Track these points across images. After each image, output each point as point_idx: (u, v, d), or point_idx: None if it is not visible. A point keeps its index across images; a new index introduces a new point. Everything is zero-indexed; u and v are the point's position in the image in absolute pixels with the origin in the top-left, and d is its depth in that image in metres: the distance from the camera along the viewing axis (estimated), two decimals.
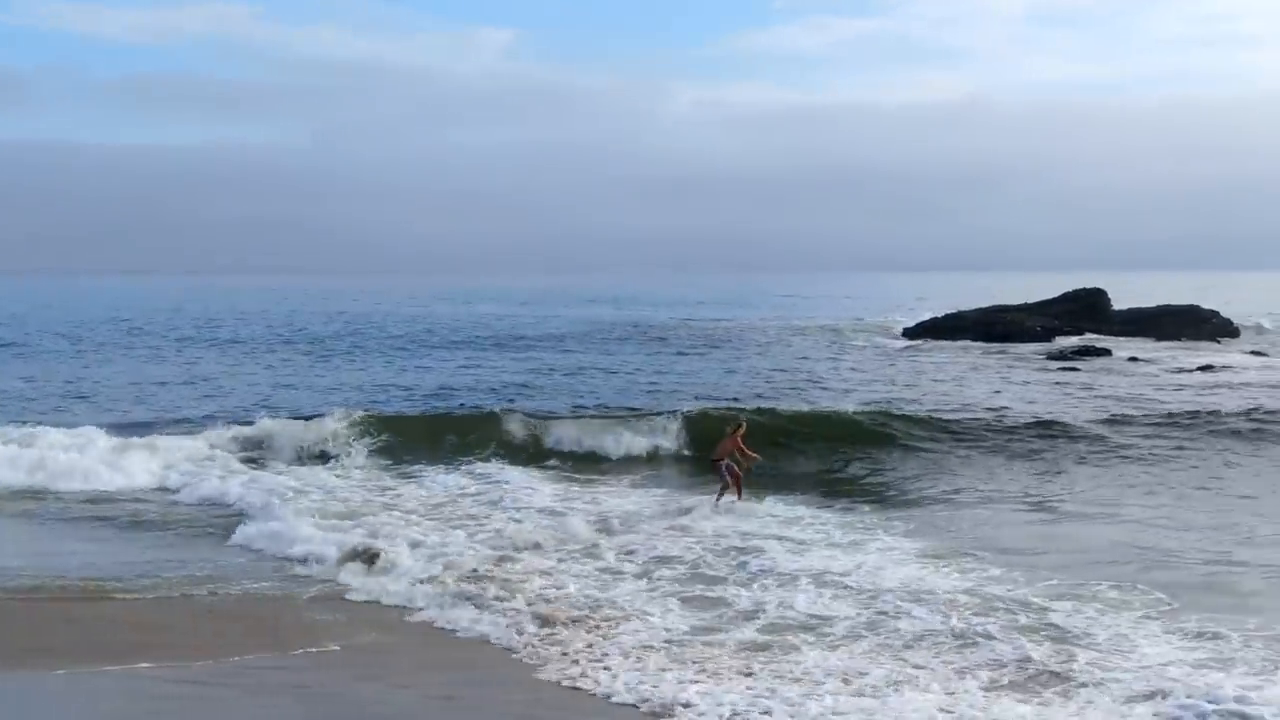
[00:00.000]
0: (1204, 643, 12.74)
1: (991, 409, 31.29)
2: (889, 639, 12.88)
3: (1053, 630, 13.12)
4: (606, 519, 19.56)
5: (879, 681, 11.45)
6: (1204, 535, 18.44)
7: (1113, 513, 20.53)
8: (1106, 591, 15.03)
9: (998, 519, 20.29)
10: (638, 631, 13.20)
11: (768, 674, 11.73)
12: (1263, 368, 45.82)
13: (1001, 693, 11.23)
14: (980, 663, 12.05)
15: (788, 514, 20.32)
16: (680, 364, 45.52)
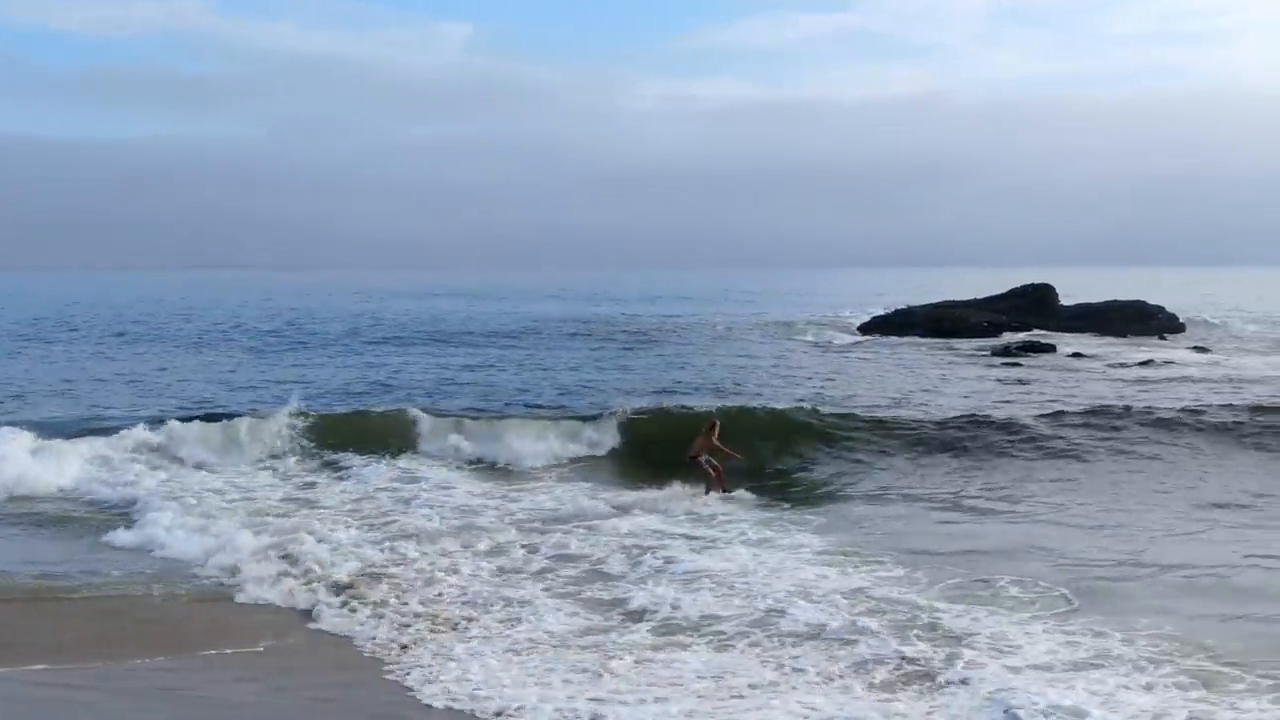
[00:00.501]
0: (1090, 641, 12.72)
1: (925, 405, 31.31)
2: (771, 639, 12.79)
3: (938, 630, 13.05)
4: (520, 518, 19.39)
5: (745, 683, 11.36)
6: (1117, 534, 18.44)
7: (1030, 511, 20.52)
8: (1008, 589, 15.01)
9: (913, 517, 20.28)
10: (521, 632, 13.10)
11: (636, 674, 11.63)
12: (1202, 364, 46.07)
13: (872, 692, 11.18)
14: (856, 663, 11.98)
15: (705, 511, 20.21)
16: (624, 360, 45.24)
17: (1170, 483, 22.87)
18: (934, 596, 14.56)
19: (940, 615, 13.57)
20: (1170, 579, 15.64)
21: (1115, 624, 13.25)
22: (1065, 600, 14.57)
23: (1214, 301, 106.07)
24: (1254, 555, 16.74)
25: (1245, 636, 13.03)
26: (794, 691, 11.15)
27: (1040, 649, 12.44)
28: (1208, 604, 14.44)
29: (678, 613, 13.72)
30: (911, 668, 11.80)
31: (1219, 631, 13.16)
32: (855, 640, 12.52)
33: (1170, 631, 13.05)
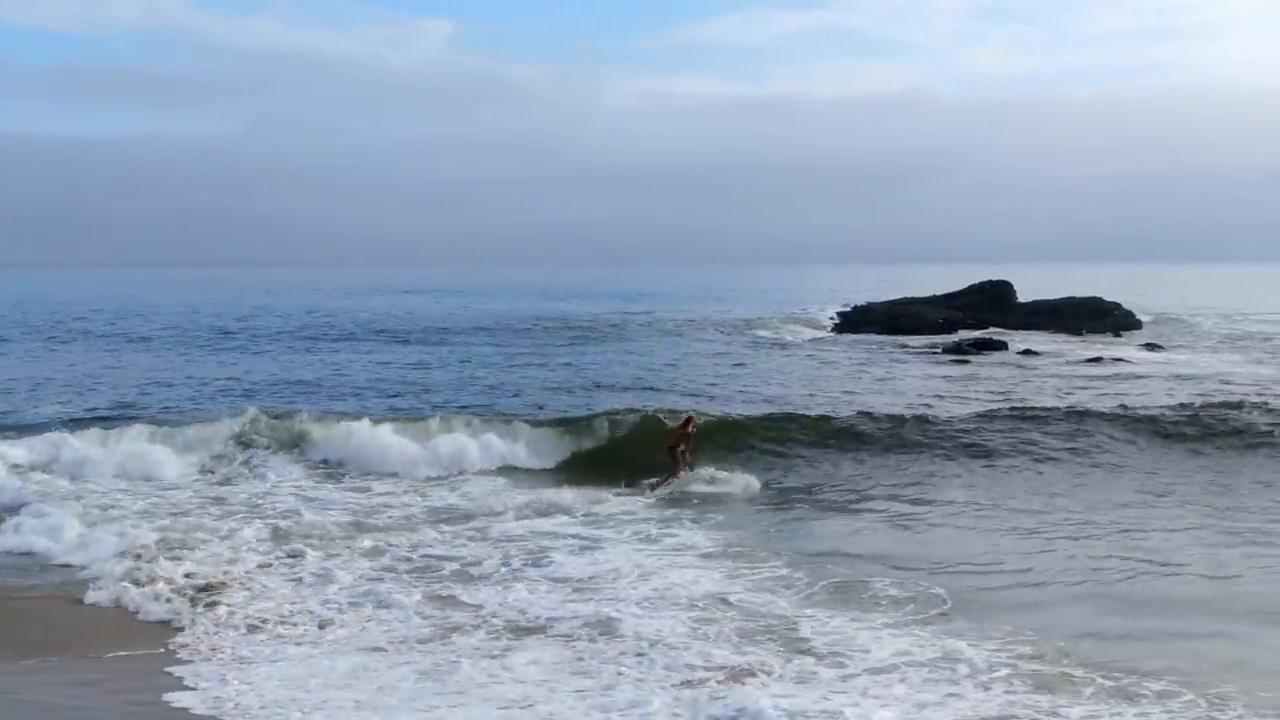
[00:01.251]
0: (941, 643, 12.57)
1: (856, 404, 30.97)
2: (594, 644, 12.64)
3: (780, 637, 12.85)
4: (419, 517, 19.22)
5: (520, 691, 11.24)
6: (1015, 536, 18.20)
7: (936, 512, 20.24)
8: (887, 591, 14.85)
9: (817, 518, 20.03)
10: (340, 635, 13.09)
11: (416, 684, 11.49)
12: (1148, 361, 46.01)
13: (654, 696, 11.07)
14: (661, 668, 11.84)
15: (606, 511, 19.95)
16: (559, 357, 44.73)
17: (1082, 484, 22.66)
18: (802, 601, 14.34)
19: (798, 621, 13.36)
20: (1056, 582, 15.48)
21: (979, 627, 13.12)
22: (940, 602, 14.36)
23: (1189, 298, 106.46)
24: (1142, 560, 16.45)
25: (1106, 639, 12.90)
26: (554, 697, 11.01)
27: (884, 653, 12.24)
28: (1081, 607, 14.30)
29: (515, 617, 13.56)
30: (735, 670, 11.66)
31: (1081, 635, 13.01)
32: (677, 648, 12.31)
33: (1030, 635, 12.89)
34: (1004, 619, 13.50)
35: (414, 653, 12.42)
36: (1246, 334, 63.96)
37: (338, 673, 11.76)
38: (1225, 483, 22.34)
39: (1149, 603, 14.44)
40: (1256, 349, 52.95)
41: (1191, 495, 21.31)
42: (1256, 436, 25.47)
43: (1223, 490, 21.70)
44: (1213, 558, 16.54)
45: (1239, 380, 38.04)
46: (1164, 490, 21.63)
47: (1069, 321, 61.99)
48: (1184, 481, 22.44)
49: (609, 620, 13.29)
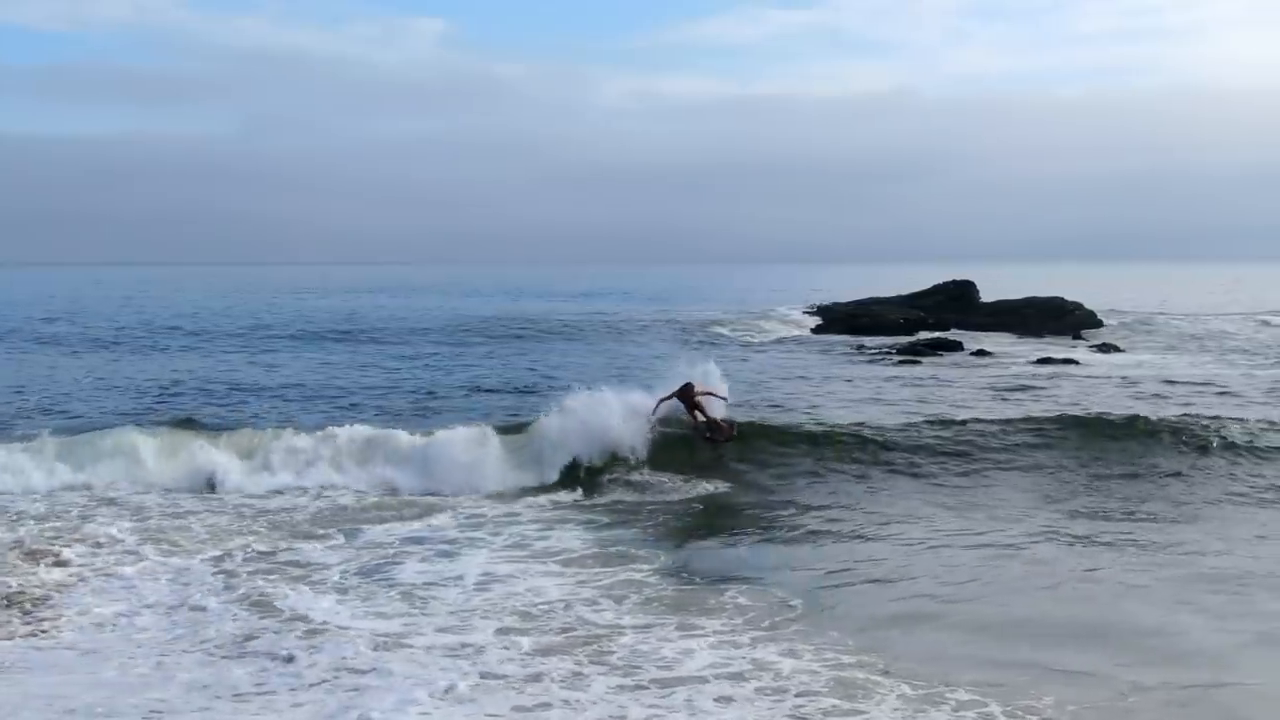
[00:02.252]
0: (755, 654, 12.38)
1: (781, 406, 30.64)
2: (374, 652, 12.47)
3: (592, 646, 12.65)
4: (288, 520, 18.92)
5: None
6: (902, 548, 17.61)
7: (819, 519, 19.74)
8: (736, 600, 14.59)
9: (704, 525, 19.56)
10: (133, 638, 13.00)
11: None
12: (1098, 364, 45.77)
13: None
14: (405, 681, 11.64)
15: (492, 512, 19.69)
16: (487, 360, 44.33)
17: (965, 492, 21.85)
18: (638, 609, 14.13)
19: (618, 631, 13.15)
20: (912, 593, 15.11)
21: (812, 638, 12.95)
22: (787, 609, 14.16)
23: (1168, 297, 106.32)
24: (996, 574, 16.03)
25: (936, 649, 12.72)
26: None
27: (693, 664, 12.08)
28: (930, 620, 13.93)
29: (311, 626, 13.30)
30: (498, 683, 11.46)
31: (916, 646, 12.85)
32: (453, 659, 12.12)
33: (854, 645, 12.73)
34: (844, 630, 13.27)
35: (186, 657, 12.29)
36: (1210, 333, 63.74)
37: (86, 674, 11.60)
38: (1097, 498, 21.33)
39: (993, 615, 14.10)
40: (1216, 349, 52.71)
41: (1062, 509, 20.47)
42: (1142, 454, 23.75)
43: (1093, 510, 20.54)
44: (1059, 573, 16.00)
45: (1181, 382, 37.78)
46: (1038, 502, 20.86)
47: (1030, 322, 61.76)
48: (1059, 495, 21.50)
49: (398, 635, 13.05)
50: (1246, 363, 45.97)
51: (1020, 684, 11.60)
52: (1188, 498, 21.08)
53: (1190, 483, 21.89)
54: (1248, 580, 15.41)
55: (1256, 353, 50.51)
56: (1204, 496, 21.09)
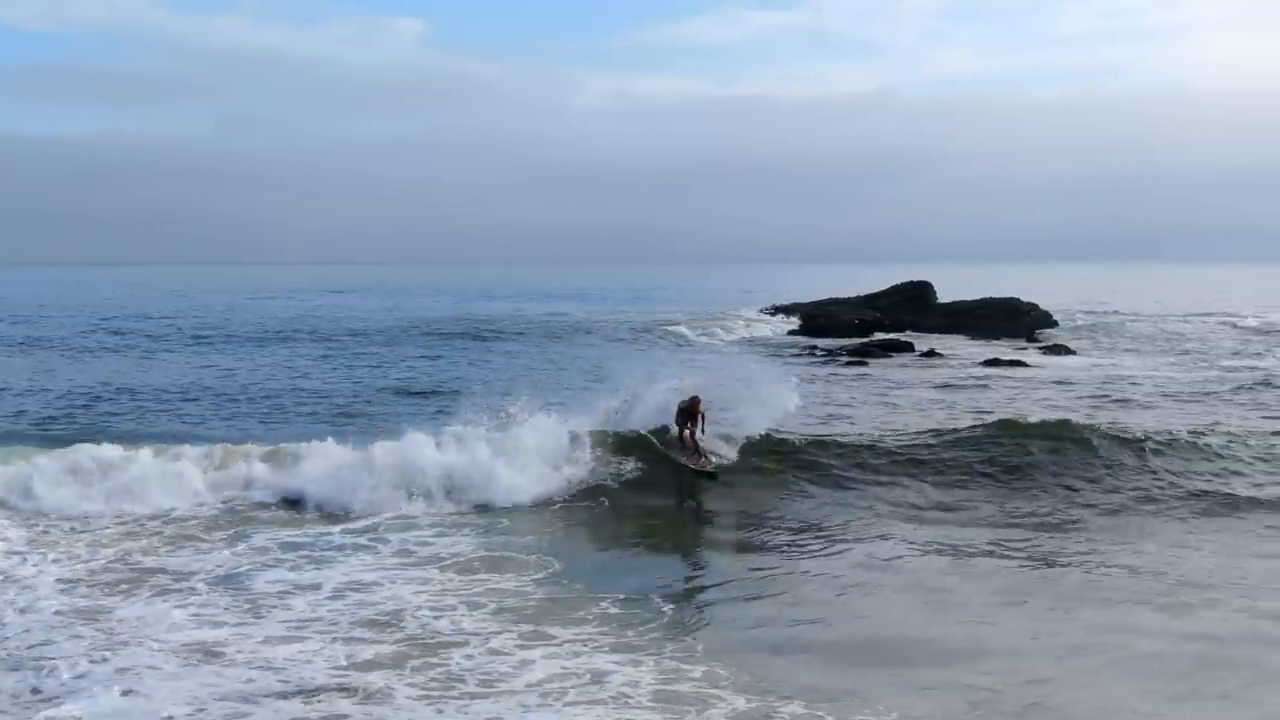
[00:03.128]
0: (594, 662, 12.24)
1: (718, 412, 30.04)
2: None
3: (431, 653, 12.43)
4: (156, 533, 18.31)
5: None
6: (791, 565, 17.03)
7: (727, 531, 19.33)
8: (610, 610, 14.29)
9: (606, 533, 19.20)
10: None
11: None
12: (1044, 366, 45.69)
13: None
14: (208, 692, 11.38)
15: (388, 519, 19.16)
16: (456, 360, 44.13)
17: (872, 504, 21.05)
18: (495, 616, 13.83)
19: (463, 640, 12.85)
20: (787, 606, 14.78)
21: (661, 648, 12.72)
22: (656, 619, 13.91)
23: (1138, 299, 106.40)
24: (872, 595, 15.47)
25: (785, 665, 12.42)
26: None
27: (533, 674, 11.85)
28: (788, 630, 13.70)
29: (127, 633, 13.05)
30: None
31: (765, 658, 12.59)
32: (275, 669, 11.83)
33: (708, 657, 12.47)
34: (705, 643, 13.02)
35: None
36: (1165, 334, 63.81)
37: None
38: (993, 508, 20.72)
39: (857, 631, 13.77)
40: (1171, 351, 52.66)
41: (955, 521, 19.92)
42: (1030, 466, 22.63)
43: (961, 522, 19.92)
44: (934, 588, 15.57)
45: (1118, 385, 37.71)
46: (933, 516, 20.21)
47: (985, 323, 61.64)
48: (955, 507, 20.78)
49: (216, 644, 12.75)
50: (1196, 364, 45.97)
51: (868, 697, 11.36)
52: (1084, 509, 20.46)
53: (1095, 491, 21.36)
54: (1120, 595, 15.06)
55: (1207, 355, 50.48)
56: (1104, 506, 20.58)
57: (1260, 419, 29.80)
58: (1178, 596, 14.89)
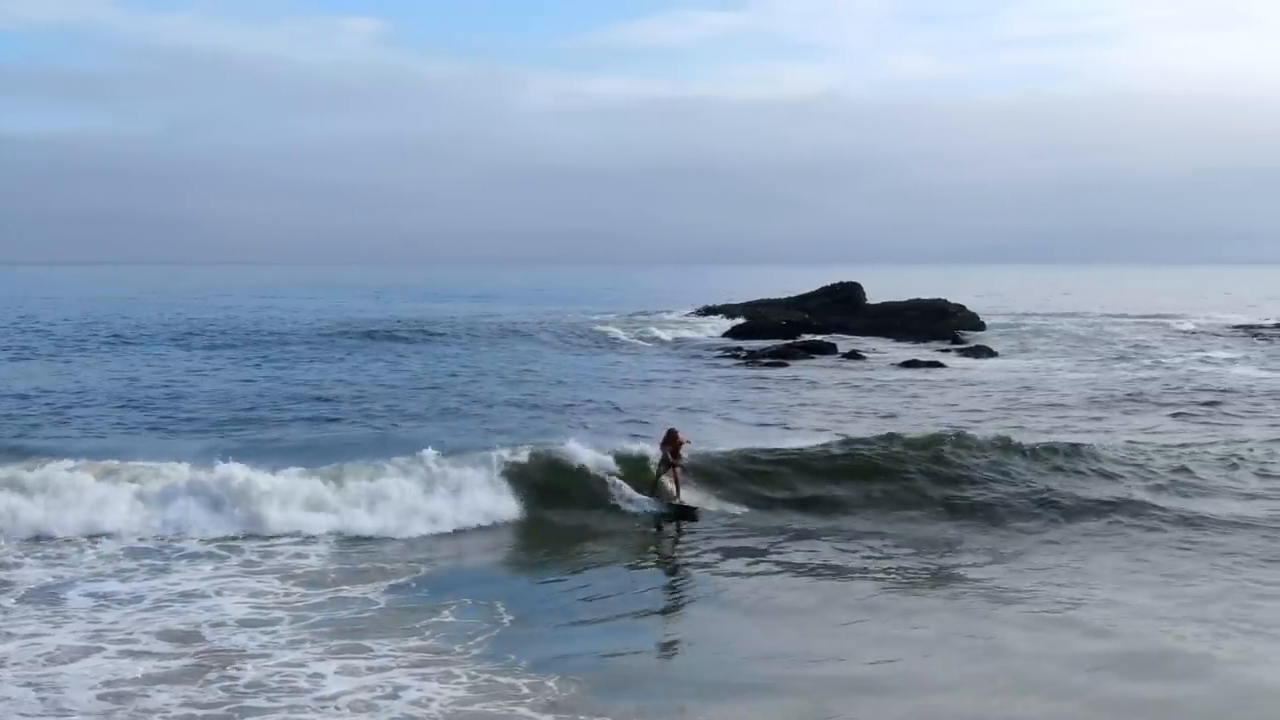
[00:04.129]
0: (398, 678, 11.80)
1: (618, 420, 29.66)
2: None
3: (233, 667, 12.06)
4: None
5: None
6: (650, 583, 16.78)
7: (610, 544, 18.94)
8: (446, 618, 14.02)
9: (488, 546, 18.78)
10: None
11: None
12: (962, 369, 45.75)
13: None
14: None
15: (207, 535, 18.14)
16: (368, 364, 43.30)
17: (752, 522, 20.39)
18: (309, 630, 13.40)
19: (268, 656, 12.44)
20: (630, 621, 14.57)
21: (481, 663, 12.43)
22: (495, 627, 13.64)
23: (1077, 301, 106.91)
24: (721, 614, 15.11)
25: (599, 683, 12.06)
26: None
27: (328, 687, 11.58)
28: (625, 654, 13.23)
29: None
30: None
31: (587, 677, 12.18)
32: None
33: (531, 671, 12.22)
34: (531, 659, 12.62)
35: None
36: (1094, 337, 64.04)
37: None
38: (868, 525, 20.03)
39: (697, 656, 13.39)
40: (1091, 354, 52.77)
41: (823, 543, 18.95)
42: (932, 477, 21.79)
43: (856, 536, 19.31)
44: (783, 611, 15.09)
45: (1027, 388, 37.70)
46: (778, 529, 19.62)
47: (913, 324, 61.59)
48: (829, 526, 19.92)
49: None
50: (1123, 367, 46.09)
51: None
52: (959, 527, 19.67)
53: (953, 504, 20.66)
54: (989, 617, 14.56)
55: (1130, 359, 50.57)
56: (978, 525, 19.79)
57: (1168, 422, 29.85)
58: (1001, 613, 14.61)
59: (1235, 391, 35.51)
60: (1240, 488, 21.21)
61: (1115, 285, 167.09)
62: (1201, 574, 16.42)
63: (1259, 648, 13.12)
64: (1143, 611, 14.51)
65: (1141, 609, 14.63)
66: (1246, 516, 19.32)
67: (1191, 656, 12.79)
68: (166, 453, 21.92)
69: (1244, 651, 12.96)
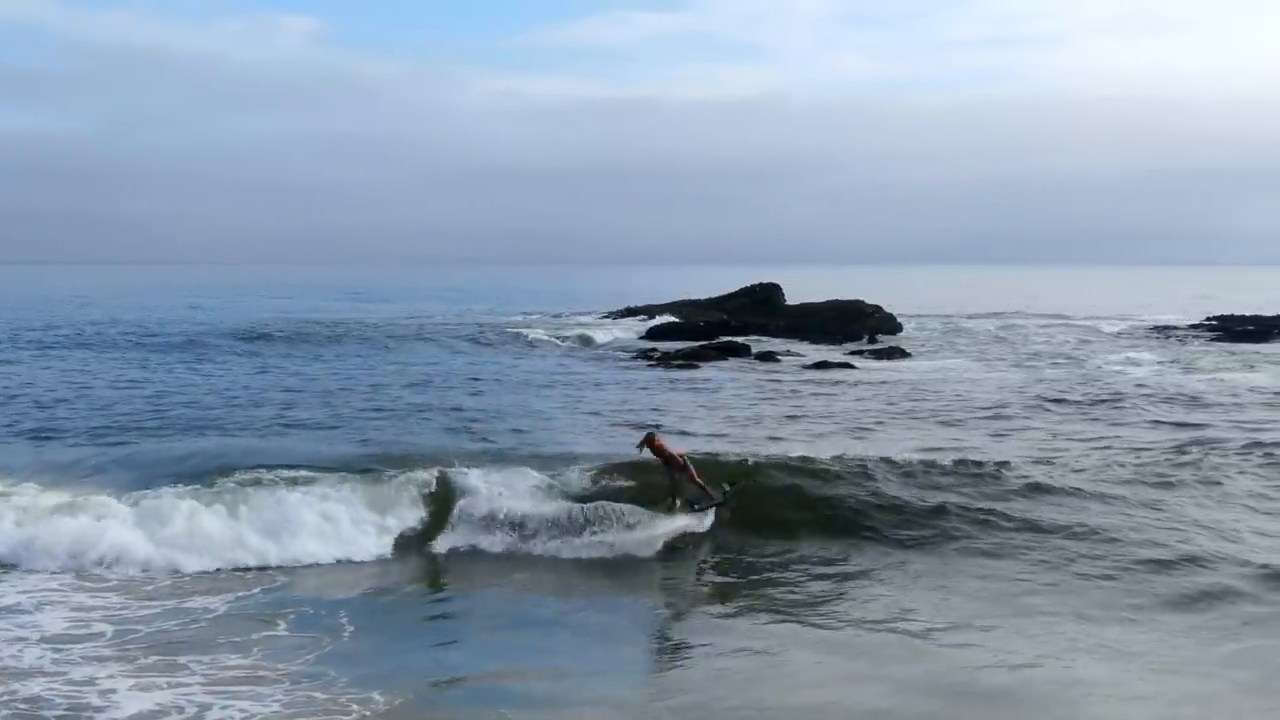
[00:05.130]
0: (204, 698, 11.49)
1: (503, 424, 29.08)
2: None
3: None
4: None
5: None
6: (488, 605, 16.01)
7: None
8: (279, 627, 13.90)
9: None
10: None
11: None
12: (870, 370, 45.68)
13: None
14: None
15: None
16: (256, 372, 42.07)
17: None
18: (126, 644, 13.03)
19: (59, 669, 12.10)
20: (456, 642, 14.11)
21: (303, 683, 12.08)
22: (333, 641, 13.35)
23: (1001, 301, 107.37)
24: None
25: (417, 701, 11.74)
26: None
27: (126, 708, 11.25)
28: (417, 672, 12.74)
29: None
30: None
31: (409, 697, 11.82)
32: None
33: (349, 683, 12.01)
34: (347, 675, 12.26)
35: None
36: (1013, 337, 64.33)
37: None
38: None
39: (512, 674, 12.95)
40: (1004, 355, 52.86)
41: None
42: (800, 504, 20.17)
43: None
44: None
45: (931, 391, 37.55)
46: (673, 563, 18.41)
47: (830, 325, 61.57)
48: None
49: None
50: (1033, 367, 46.16)
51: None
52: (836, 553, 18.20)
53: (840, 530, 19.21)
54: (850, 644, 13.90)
55: (1040, 359, 50.65)
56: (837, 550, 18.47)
57: (1057, 425, 29.66)
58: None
59: (1126, 395, 35.37)
60: (1093, 493, 20.60)
61: (1049, 286, 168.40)
62: (1028, 580, 16.21)
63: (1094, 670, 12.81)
64: (960, 623, 14.25)
65: (960, 621, 14.36)
66: (1097, 527, 18.72)
67: (1009, 676, 12.47)
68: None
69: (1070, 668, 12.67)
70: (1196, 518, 19.13)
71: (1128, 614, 14.66)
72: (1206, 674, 12.52)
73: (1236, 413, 31.84)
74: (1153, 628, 14.11)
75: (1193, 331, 65.66)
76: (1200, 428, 28.81)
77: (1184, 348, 56.14)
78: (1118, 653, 13.16)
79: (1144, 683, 12.28)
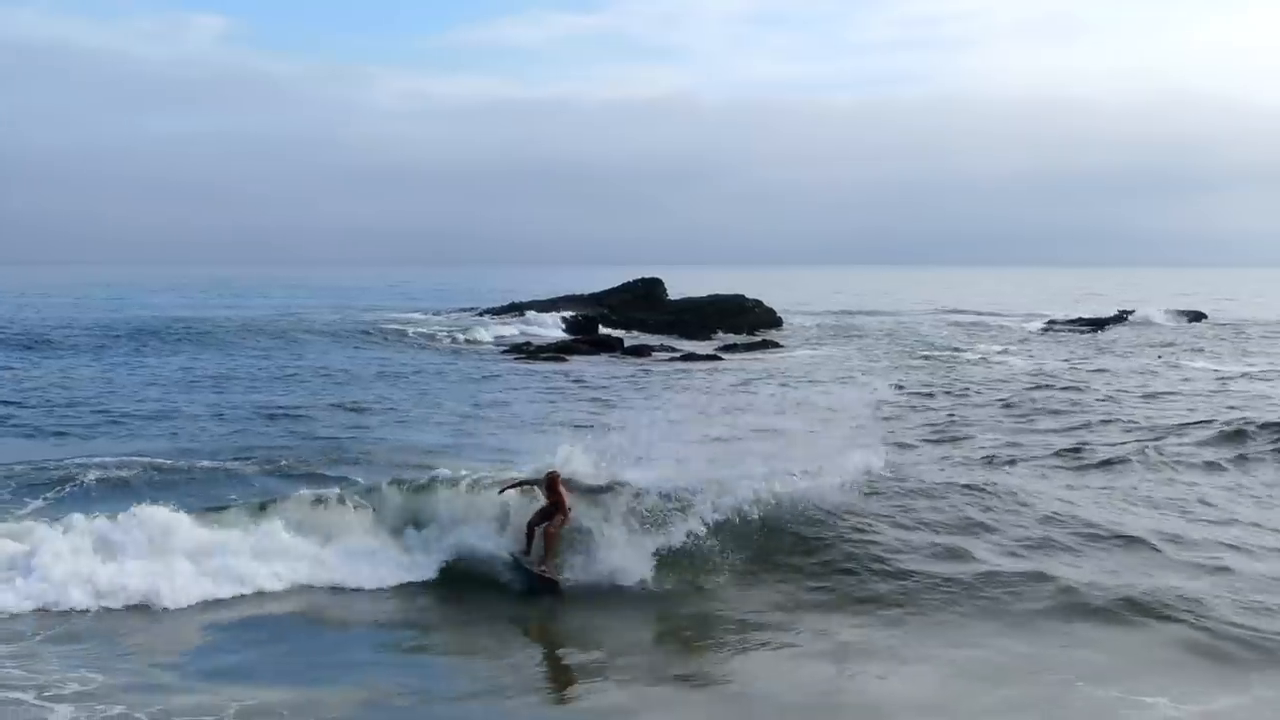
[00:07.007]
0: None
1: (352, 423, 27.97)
2: None
3: None
4: None
5: None
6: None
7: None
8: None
9: None
10: None
11: None
12: (737, 360, 45.23)
13: None
14: None
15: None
16: (103, 372, 40.21)
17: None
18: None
19: None
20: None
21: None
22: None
23: (895, 299, 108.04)
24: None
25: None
26: None
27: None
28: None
29: None
30: None
31: None
32: None
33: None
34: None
35: None
36: (898, 332, 64.56)
37: None
38: None
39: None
40: (889, 350, 52.71)
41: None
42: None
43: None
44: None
45: (789, 383, 37.11)
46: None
47: (710, 320, 61.23)
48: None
49: None
50: (902, 360, 46.11)
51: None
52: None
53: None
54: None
55: (916, 354, 50.49)
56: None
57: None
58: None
59: (979, 383, 35.17)
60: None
61: (948, 285, 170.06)
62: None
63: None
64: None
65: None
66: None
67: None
68: None
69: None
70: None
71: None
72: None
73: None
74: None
75: (1069, 327, 67.63)
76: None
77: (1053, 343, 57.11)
78: None
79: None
